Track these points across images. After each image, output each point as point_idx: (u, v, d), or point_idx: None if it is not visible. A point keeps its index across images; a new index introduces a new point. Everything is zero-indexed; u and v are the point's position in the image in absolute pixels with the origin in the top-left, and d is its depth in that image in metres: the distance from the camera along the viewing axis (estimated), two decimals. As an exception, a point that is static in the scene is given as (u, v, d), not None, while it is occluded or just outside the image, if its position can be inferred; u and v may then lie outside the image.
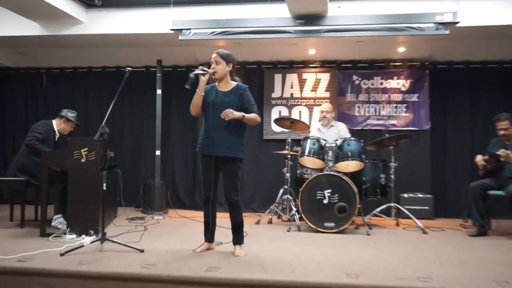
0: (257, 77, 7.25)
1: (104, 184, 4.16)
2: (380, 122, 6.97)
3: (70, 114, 5.58)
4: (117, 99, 4.33)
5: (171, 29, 5.92)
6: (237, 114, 3.76)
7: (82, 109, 7.56)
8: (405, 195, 6.47)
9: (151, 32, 6.17)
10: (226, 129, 3.81)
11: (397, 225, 5.85)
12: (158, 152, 6.74)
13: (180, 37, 5.89)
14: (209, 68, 3.90)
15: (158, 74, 6.80)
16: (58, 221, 5.07)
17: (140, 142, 7.60)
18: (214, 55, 3.91)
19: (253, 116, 3.85)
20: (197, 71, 3.82)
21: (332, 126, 6.24)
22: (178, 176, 7.44)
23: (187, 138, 7.47)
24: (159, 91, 6.76)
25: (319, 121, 6.30)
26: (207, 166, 3.89)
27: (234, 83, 3.96)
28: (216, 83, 3.99)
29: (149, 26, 6.18)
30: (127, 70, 4.29)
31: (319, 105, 6.78)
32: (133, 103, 7.68)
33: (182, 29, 5.89)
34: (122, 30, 6.24)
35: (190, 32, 5.87)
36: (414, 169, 6.83)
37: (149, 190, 6.84)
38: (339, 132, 6.15)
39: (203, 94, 3.85)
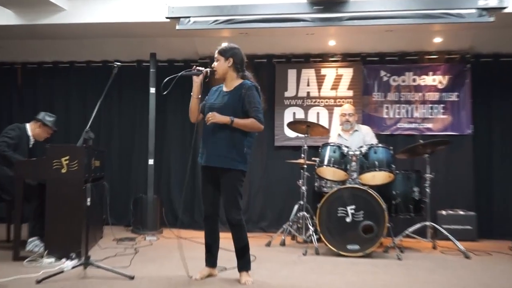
0: (268, 73, 7.28)
1: (88, 199, 4.17)
2: (413, 125, 6.98)
3: (48, 118, 5.59)
4: (104, 99, 4.34)
5: (167, 17, 5.94)
6: (220, 118, 3.78)
7: (63, 111, 7.62)
8: (443, 212, 6.44)
9: (144, 20, 6.20)
10: (222, 135, 3.83)
11: (434, 248, 5.81)
12: (151, 162, 6.76)
13: (177, 27, 5.92)
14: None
15: (151, 70, 6.82)
16: (34, 244, 5.07)
17: (131, 150, 7.65)
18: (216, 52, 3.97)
19: (247, 122, 3.83)
20: (186, 72, 3.88)
21: (355, 130, 6.25)
22: (174, 190, 7.48)
23: (185, 145, 7.50)
24: (152, 90, 6.79)
25: (340, 125, 6.31)
26: (205, 178, 3.95)
27: (240, 81, 3.97)
28: (223, 84, 4.04)
29: (141, 14, 6.18)
30: (115, 65, 4.33)
31: (341, 105, 6.77)
32: (123, 104, 7.72)
33: (179, 17, 5.90)
34: (110, 18, 6.27)
35: (189, 21, 5.89)
36: (454, 181, 6.82)
37: (141, 206, 6.86)
38: (363, 137, 6.15)
39: (198, 97, 3.89)
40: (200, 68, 3.88)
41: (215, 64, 3.94)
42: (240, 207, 3.86)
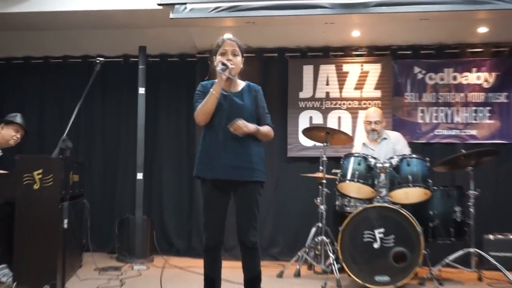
0: (279, 69, 7.31)
1: (65, 221, 4.12)
2: (454, 132, 6.99)
3: (12, 115, 5.61)
4: (84, 101, 4.34)
5: (159, 4, 5.97)
6: (251, 127, 3.84)
7: (35, 115, 7.68)
8: (491, 237, 6.36)
9: (131, 8, 6.20)
10: (242, 140, 3.86)
11: (480, 279, 5.76)
12: (140, 176, 6.79)
13: (171, 15, 5.93)
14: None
15: (140, 67, 6.87)
16: (2, 272, 5.06)
17: (116, 162, 7.69)
18: (228, 42, 3.96)
19: (267, 130, 3.98)
20: (221, 66, 3.84)
21: (383, 139, 6.26)
22: (167, 210, 7.53)
23: (181, 156, 7.56)
24: (142, 90, 6.83)
25: (366, 133, 6.32)
26: (213, 196, 3.91)
27: (241, 82, 4.06)
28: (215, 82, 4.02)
29: (128, 0, 6.22)
30: (98, 61, 4.32)
31: (366, 108, 6.75)
32: (107, 107, 7.76)
33: (173, 4, 5.92)
34: (91, 6, 6.27)
35: (185, 8, 5.90)
36: (503, 199, 6.79)
37: (128, 229, 6.86)
38: (393, 146, 6.16)
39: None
40: (227, 63, 3.85)
41: (233, 59, 3.92)
42: (257, 226, 3.90)
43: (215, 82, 3.90)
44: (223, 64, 3.83)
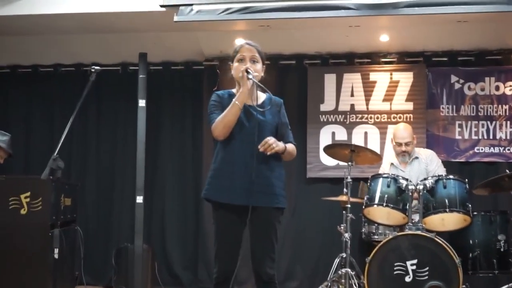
0: (297, 79, 7.37)
1: (56, 250, 4.14)
2: (496, 150, 6.97)
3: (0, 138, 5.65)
4: (78, 115, 4.36)
5: (162, 5, 6.00)
6: (282, 146, 3.87)
7: (22, 131, 7.71)
8: (540, 269, 6.33)
9: (130, 10, 6.22)
10: (264, 161, 3.86)
11: (526, 318, 5.68)
12: (139, 199, 6.73)
13: (175, 18, 5.95)
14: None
15: (140, 76, 6.85)
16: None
17: (113, 183, 7.70)
18: (246, 47, 3.97)
19: (292, 148, 4.02)
20: (253, 74, 3.83)
21: (415, 158, 6.24)
22: (171, 238, 7.52)
23: (186, 177, 7.59)
24: (142, 102, 6.81)
25: (396, 154, 6.30)
26: (227, 223, 3.90)
27: (261, 94, 4.05)
28: (235, 90, 4.03)
29: (126, 1, 6.20)
30: (93, 70, 4.33)
31: (396, 123, 6.79)
32: (103, 122, 7.78)
33: (178, 5, 5.95)
34: (85, 8, 6.29)
35: (192, 10, 5.92)
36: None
37: (126, 259, 6.82)
38: (426, 166, 6.15)
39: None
40: (250, 69, 3.82)
41: (253, 66, 3.91)
42: (275, 257, 3.89)
43: (232, 93, 3.95)
44: (247, 71, 3.80)
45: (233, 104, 3.78)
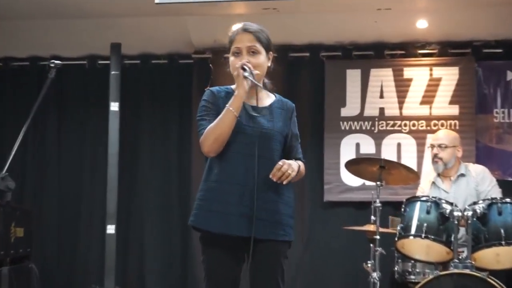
0: (311, 75, 7.36)
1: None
2: None
3: None
4: (33, 122, 4.39)
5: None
6: (296, 170, 3.69)
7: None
8: None
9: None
10: (270, 181, 3.73)
11: None
12: (111, 229, 6.69)
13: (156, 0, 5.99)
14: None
15: (113, 72, 6.81)
16: None
17: (77, 209, 7.70)
18: (241, 35, 3.78)
19: (302, 169, 3.87)
20: (249, 72, 3.66)
21: (460, 175, 6.09)
22: (151, 277, 7.48)
23: (170, 200, 7.62)
24: (114, 106, 6.74)
25: (432, 163, 6.21)
26: (220, 259, 3.74)
27: (268, 93, 3.90)
28: (234, 87, 3.83)
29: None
30: (52, 66, 4.18)
31: (437, 131, 6.63)
32: (64, 131, 7.74)
33: (161, -16, 6.07)
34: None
35: (178, -10, 6.04)
36: None
37: (94, 306, 6.84)
38: (476, 186, 5.99)
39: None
40: (248, 66, 3.64)
41: (252, 59, 3.72)
42: None
43: (231, 90, 3.76)
44: (243, 68, 3.63)
45: (226, 110, 3.62)
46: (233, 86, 3.81)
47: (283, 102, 3.90)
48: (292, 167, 3.63)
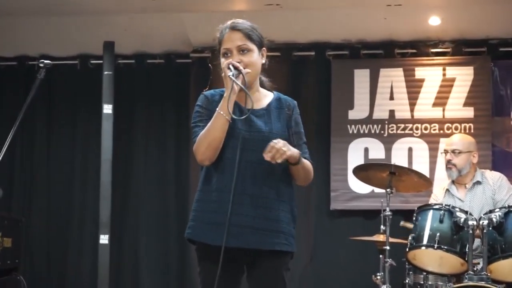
0: (316, 75, 7.37)
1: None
2: None
3: None
4: (21, 126, 4.52)
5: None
6: (295, 152, 3.64)
7: None
8: None
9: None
10: (270, 188, 3.69)
11: None
12: (104, 239, 6.66)
13: (152, -6, 6.10)
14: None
15: (106, 73, 6.78)
16: None
17: (68, 218, 7.68)
18: (229, 34, 3.73)
19: (308, 165, 3.83)
20: (233, 71, 3.62)
21: (476, 182, 6.09)
22: None
23: (167, 210, 7.57)
24: (108, 108, 6.71)
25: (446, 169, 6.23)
26: (215, 271, 3.64)
27: (267, 92, 3.93)
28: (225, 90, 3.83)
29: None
30: (41, 65, 4.15)
31: (451, 135, 6.63)
32: (55, 135, 7.73)
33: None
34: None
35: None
36: None
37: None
38: (493, 195, 6.02)
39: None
40: (239, 66, 3.60)
41: (243, 58, 3.68)
42: None
43: (224, 93, 3.72)
44: (234, 67, 3.60)
45: (216, 114, 3.59)
46: None
47: (281, 100, 3.87)
48: (288, 146, 3.57)
